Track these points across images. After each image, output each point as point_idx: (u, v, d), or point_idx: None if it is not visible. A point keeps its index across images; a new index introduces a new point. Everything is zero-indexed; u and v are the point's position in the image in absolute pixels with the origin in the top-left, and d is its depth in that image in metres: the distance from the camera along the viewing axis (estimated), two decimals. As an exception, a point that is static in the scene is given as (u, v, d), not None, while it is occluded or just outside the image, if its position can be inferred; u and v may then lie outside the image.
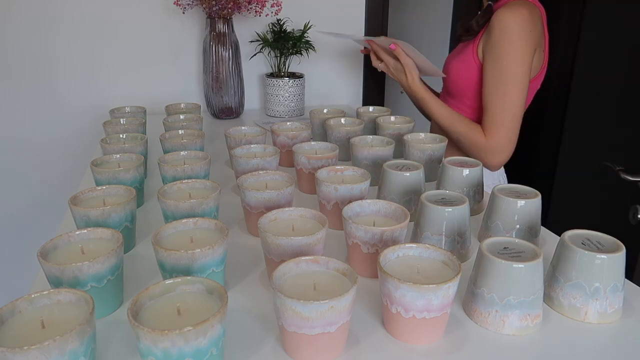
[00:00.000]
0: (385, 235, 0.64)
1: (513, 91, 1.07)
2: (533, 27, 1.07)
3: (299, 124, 1.12)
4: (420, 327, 0.53)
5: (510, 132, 1.10)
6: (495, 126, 1.10)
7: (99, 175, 0.83)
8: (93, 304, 0.47)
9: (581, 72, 1.57)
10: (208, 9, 1.40)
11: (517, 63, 1.06)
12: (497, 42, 1.07)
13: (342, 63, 1.78)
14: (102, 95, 1.56)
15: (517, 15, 1.05)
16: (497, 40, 1.07)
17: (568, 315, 0.60)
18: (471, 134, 1.14)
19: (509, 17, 1.05)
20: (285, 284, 0.53)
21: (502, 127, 1.10)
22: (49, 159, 1.57)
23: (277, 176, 0.83)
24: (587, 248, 0.59)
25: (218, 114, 1.53)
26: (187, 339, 0.43)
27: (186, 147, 0.98)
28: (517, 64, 1.06)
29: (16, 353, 0.40)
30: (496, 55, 1.08)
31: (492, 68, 1.09)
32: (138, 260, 0.72)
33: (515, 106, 1.08)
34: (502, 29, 1.06)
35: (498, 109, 1.09)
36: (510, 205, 0.73)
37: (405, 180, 0.81)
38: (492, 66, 1.09)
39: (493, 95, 1.09)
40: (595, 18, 1.51)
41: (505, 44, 1.06)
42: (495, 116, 1.10)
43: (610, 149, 1.49)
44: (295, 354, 0.52)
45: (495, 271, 0.55)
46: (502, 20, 1.06)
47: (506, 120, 1.09)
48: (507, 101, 1.08)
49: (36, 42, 1.46)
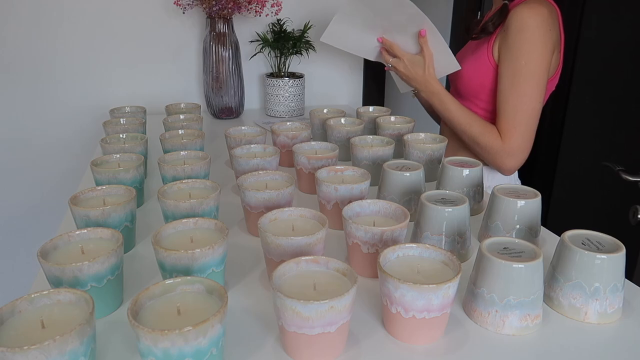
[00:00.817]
0: (385, 235, 0.64)
1: (530, 91, 1.03)
2: (552, 27, 1.03)
3: (299, 124, 1.12)
4: (420, 327, 0.53)
5: (526, 134, 1.06)
6: (512, 128, 1.05)
7: (99, 175, 0.83)
8: (93, 304, 0.47)
9: (581, 71, 1.57)
10: (208, 9, 1.40)
11: (536, 62, 1.02)
12: (514, 40, 1.03)
13: (342, 63, 1.78)
14: (102, 95, 1.55)
15: (536, 13, 1.01)
16: (514, 39, 1.03)
17: (568, 315, 0.60)
18: (487, 136, 1.09)
19: (528, 15, 1.01)
20: (285, 284, 0.53)
21: (519, 130, 1.05)
22: (49, 159, 1.57)
23: (277, 176, 0.83)
24: (587, 248, 0.59)
25: (218, 114, 1.53)
26: (187, 339, 0.43)
27: (186, 147, 0.98)
28: (535, 63, 1.02)
29: (16, 353, 0.40)
30: (513, 54, 1.03)
31: (509, 67, 1.05)
32: (138, 260, 0.72)
33: (532, 107, 1.04)
34: (521, 27, 1.02)
35: (515, 110, 1.05)
36: (510, 205, 0.73)
37: (405, 180, 0.81)
38: (509, 65, 1.05)
39: (509, 96, 1.05)
40: (595, 17, 1.51)
41: (524, 42, 1.02)
42: (511, 118, 1.05)
43: (610, 149, 1.49)
44: (295, 354, 0.52)
45: (495, 271, 0.55)
46: (521, 18, 1.02)
47: (523, 123, 1.05)
48: (524, 102, 1.03)
49: (36, 42, 1.46)
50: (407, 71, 1.18)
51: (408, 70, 1.18)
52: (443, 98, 1.14)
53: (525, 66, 1.02)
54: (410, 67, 1.18)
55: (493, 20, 1.10)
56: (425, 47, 1.15)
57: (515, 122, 1.05)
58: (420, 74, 1.17)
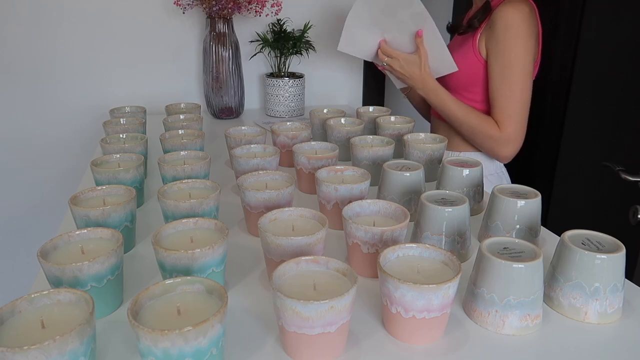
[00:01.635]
0: (385, 235, 0.64)
1: (521, 82, 1.12)
2: (533, 21, 1.12)
3: (299, 124, 1.12)
4: (420, 327, 0.53)
5: (521, 122, 1.14)
6: (508, 117, 1.13)
7: (99, 175, 0.83)
8: (93, 304, 0.47)
9: (581, 72, 1.57)
10: (208, 9, 1.40)
11: (523, 56, 1.11)
12: (501, 37, 1.11)
13: (342, 63, 1.78)
14: (102, 95, 1.55)
15: (519, 10, 1.10)
16: (501, 36, 1.11)
17: (568, 315, 0.60)
18: (485, 126, 1.16)
19: (513, 13, 1.10)
20: (285, 284, 0.53)
21: (514, 118, 1.13)
22: (49, 159, 1.57)
23: (277, 176, 0.83)
24: (587, 248, 0.59)
25: (218, 114, 1.53)
26: (187, 339, 0.43)
27: (186, 147, 0.98)
28: (523, 56, 1.11)
29: (16, 353, 0.40)
30: (502, 50, 1.12)
31: (499, 62, 1.13)
32: (138, 260, 0.72)
33: (524, 96, 1.13)
34: (506, 24, 1.10)
35: (508, 100, 1.13)
36: (510, 205, 0.73)
37: (405, 180, 0.81)
38: (499, 60, 1.13)
39: (501, 89, 1.13)
40: (595, 19, 1.51)
41: (511, 38, 1.10)
42: (506, 108, 1.13)
43: (610, 149, 1.49)
44: (295, 354, 0.52)
45: (495, 271, 0.55)
46: (506, 16, 1.10)
47: (517, 111, 1.13)
48: (516, 92, 1.12)
49: (36, 42, 1.46)
50: (403, 70, 1.22)
51: (404, 69, 1.22)
52: (440, 94, 1.20)
53: (514, 59, 1.11)
54: (406, 66, 1.22)
55: (477, 17, 1.18)
56: (421, 46, 1.19)
57: (510, 112, 1.13)
58: (417, 72, 1.21)
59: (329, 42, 1.70)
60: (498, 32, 1.12)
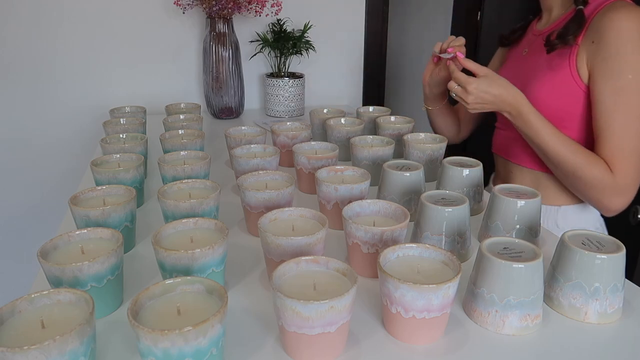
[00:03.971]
0: (385, 235, 0.64)
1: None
2: None
3: (299, 124, 1.12)
4: (420, 327, 0.53)
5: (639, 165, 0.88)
6: (623, 159, 0.87)
7: (99, 175, 0.83)
8: (93, 304, 0.47)
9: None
10: (208, 9, 1.40)
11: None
12: (614, 52, 0.87)
13: (342, 63, 1.78)
14: (102, 95, 1.56)
15: (634, 17, 0.86)
16: (614, 51, 0.87)
17: (568, 315, 0.60)
18: (594, 168, 0.89)
19: (628, 22, 0.86)
20: (285, 284, 0.53)
21: (632, 160, 0.87)
22: (49, 159, 1.57)
23: (277, 176, 0.83)
24: (587, 248, 0.59)
25: (218, 114, 1.53)
26: (187, 339, 0.43)
27: (186, 147, 0.98)
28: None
29: (16, 353, 0.40)
30: (616, 70, 0.87)
31: (609, 84, 0.88)
32: (138, 260, 0.72)
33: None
34: (621, 36, 0.86)
35: (623, 135, 0.87)
36: (510, 205, 0.73)
37: (405, 180, 0.81)
38: (610, 82, 0.87)
39: (615, 119, 0.87)
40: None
41: (628, 54, 0.86)
42: (621, 146, 0.87)
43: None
44: (295, 354, 0.52)
45: (495, 271, 0.55)
46: (619, 26, 0.86)
47: (636, 151, 0.87)
48: (635, 125, 0.87)
49: (36, 42, 1.46)
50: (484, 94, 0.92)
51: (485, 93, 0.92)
52: (532, 119, 0.91)
53: (634, 80, 0.86)
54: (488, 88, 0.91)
55: (571, 30, 0.92)
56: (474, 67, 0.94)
57: (626, 151, 0.87)
58: (506, 93, 0.91)
59: (329, 42, 1.70)
60: (609, 46, 0.87)
